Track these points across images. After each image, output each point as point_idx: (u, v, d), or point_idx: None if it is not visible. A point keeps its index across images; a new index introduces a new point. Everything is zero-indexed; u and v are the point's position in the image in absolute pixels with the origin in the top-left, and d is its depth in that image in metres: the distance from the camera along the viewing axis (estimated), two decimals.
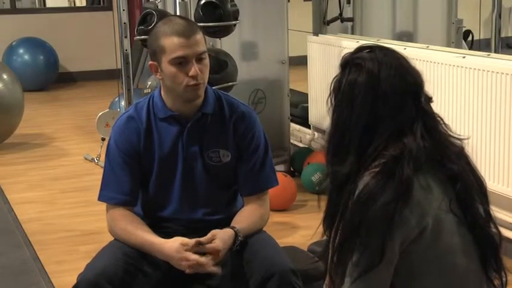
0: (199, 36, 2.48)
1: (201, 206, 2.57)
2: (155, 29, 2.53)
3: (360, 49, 1.89)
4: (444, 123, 1.88)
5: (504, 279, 1.89)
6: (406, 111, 1.81)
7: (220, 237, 2.40)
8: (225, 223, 2.56)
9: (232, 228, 2.47)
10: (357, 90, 1.82)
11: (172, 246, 2.38)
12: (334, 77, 1.89)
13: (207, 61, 2.50)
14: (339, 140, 1.85)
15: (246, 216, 2.55)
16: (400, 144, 1.79)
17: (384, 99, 1.80)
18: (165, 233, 2.52)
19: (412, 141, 1.79)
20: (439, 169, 1.82)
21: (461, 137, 1.89)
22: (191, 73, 2.44)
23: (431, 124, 1.85)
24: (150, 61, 2.53)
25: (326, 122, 1.90)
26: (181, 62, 2.44)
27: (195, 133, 2.55)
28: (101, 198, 2.57)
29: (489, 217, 1.88)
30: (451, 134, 1.88)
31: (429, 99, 1.87)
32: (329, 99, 1.88)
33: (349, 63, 1.86)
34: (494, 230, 1.88)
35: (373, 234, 1.73)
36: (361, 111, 1.81)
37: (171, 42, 2.44)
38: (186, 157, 2.54)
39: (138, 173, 2.55)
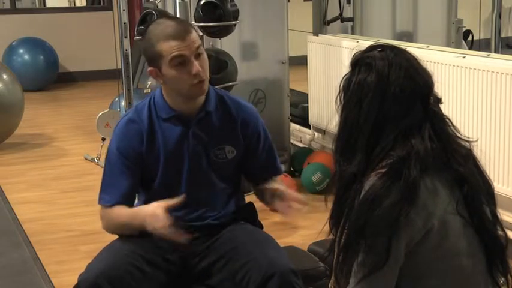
0: (194, 33, 2.47)
1: (205, 203, 2.57)
2: (147, 35, 2.51)
3: (371, 48, 1.88)
4: (452, 125, 1.87)
5: (510, 281, 1.89)
6: (414, 112, 1.81)
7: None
8: (228, 218, 2.57)
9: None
10: (366, 89, 1.81)
11: (150, 207, 2.41)
12: (344, 76, 1.88)
13: (205, 55, 2.50)
14: (347, 139, 1.84)
15: (275, 181, 2.62)
16: (407, 145, 1.78)
17: (392, 99, 1.80)
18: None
19: (419, 142, 1.79)
20: (447, 171, 1.82)
21: (470, 139, 1.88)
22: (193, 71, 2.44)
23: (440, 126, 1.84)
24: (149, 67, 2.52)
25: (334, 121, 1.90)
26: (181, 63, 2.44)
27: (200, 132, 2.55)
28: (101, 201, 2.57)
29: (496, 219, 1.88)
30: (459, 136, 1.88)
31: (438, 101, 1.87)
32: (338, 98, 1.88)
33: (359, 62, 1.85)
34: (500, 232, 1.87)
35: (378, 235, 1.73)
36: (369, 111, 1.80)
37: (167, 46, 2.43)
38: (192, 156, 2.54)
39: (138, 177, 2.55)
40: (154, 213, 2.36)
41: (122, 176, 2.53)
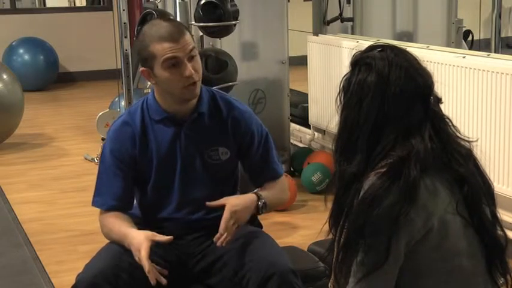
0: (187, 35, 2.47)
1: (200, 205, 2.56)
2: (141, 36, 2.51)
3: (371, 48, 1.87)
4: (453, 125, 1.87)
5: (510, 282, 1.89)
6: (414, 113, 1.81)
7: (232, 199, 2.45)
8: None
9: (254, 193, 2.50)
10: (366, 90, 1.81)
11: (138, 237, 2.38)
12: (344, 76, 1.88)
13: (198, 57, 2.49)
14: (347, 139, 1.84)
15: (266, 187, 2.57)
16: (407, 145, 1.78)
17: (392, 99, 1.80)
18: (164, 233, 2.52)
19: (419, 142, 1.78)
20: (447, 171, 1.82)
21: (470, 139, 1.88)
22: (186, 74, 2.43)
23: (440, 126, 1.84)
24: (142, 68, 2.52)
25: (334, 121, 1.90)
26: (174, 64, 2.43)
27: (192, 133, 2.55)
28: (95, 203, 2.58)
29: (496, 220, 1.87)
30: (460, 136, 1.87)
31: (438, 100, 1.87)
32: (338, 98, 1.87)
33: (359, 62, 1.85)
34: (500, 232, 1.87)
35: (377, 235, 1.72)
36: (369, 111, 1.80)
37: (160, 48, 2.42)
38: (185, 157, 2.54)
39: (132, 179, 2.55)
40: (138, 249, 2.34)
41: (116, 178, 2.53)
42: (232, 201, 2.44)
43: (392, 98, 1.80)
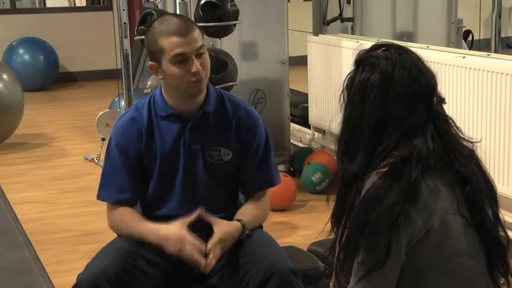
0: (196, 32, 2.49)
1: (201, 204, 2.56)
2: (151, 30, 2.53)
3: (376, 47, 1.88)
4: (455, 126, 1.87)
5: (511, 282, 1.89)
6: (417, 113, 1.81)
7: (223, 224, 2.44)
8: (228, 219, 2.55)
9: (239, 220, 2.49)
10: (369, 89, 1.81)
11: (173, 227, 2.42)
12: (348, 74, 1.88)
13: (206, 55, 2.51)
14: (350, 137, 1.84)
15: (250, 210, 2.57)
16: (409, 145, 1.78)
17: (395, 99, 1.80)
18: None
19: (422, 142, 1.79)
20: (449, 171, 1.82)
21: (472, 140, 1.88)
22: (193, 70, 2.45)
23: (442, 126, 1.84)
24: (150, 62, 2.54)
25: (335, 121, 1.90)
26: (181, 60, 2.45)
27: (197, 131, 2.55)
28: (100, 197, 2.59)
29: (497, 220, 1.87)
30: (462, 136, 1.88)
31: (441, 101, 1.87)
32: (341, 96, 1.87)
33: (363, 61, 1.85)
34: (502, 233, 1.87)
35: (378, 234, 1.73)
36: (372, 111, 1.80)
37: (169, 42, 2.45)
38: (188, 155, 2.55)
39: (137, 173, 2.56)
40: (180, 237, 2.38)
41: (121, 172, 2.54)
42: (223, 227, 2.45)
43: (395, 97, 1.80)
